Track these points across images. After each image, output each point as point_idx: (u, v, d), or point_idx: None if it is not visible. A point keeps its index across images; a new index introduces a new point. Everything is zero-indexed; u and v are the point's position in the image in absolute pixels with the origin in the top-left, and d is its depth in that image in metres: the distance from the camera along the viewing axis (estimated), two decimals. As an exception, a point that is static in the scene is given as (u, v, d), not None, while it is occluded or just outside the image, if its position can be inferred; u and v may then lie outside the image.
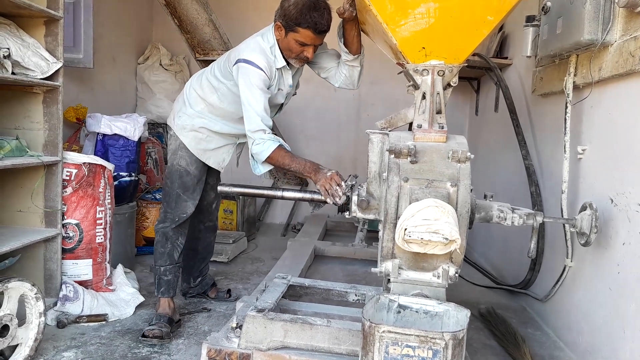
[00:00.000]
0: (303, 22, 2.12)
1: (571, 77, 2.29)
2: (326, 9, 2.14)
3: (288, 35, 2.18)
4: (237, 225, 4.36)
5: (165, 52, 4.80)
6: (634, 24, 1.86)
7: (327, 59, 2.40)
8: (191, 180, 2.49)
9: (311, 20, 2.11)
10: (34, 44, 2.39)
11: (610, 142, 2.09)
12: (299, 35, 2.16)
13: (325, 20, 2.13)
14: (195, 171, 2.50)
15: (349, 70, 2.35)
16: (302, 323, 1.79)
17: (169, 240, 2.53)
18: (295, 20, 2.13)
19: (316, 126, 5.09)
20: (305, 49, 2.20)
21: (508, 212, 1.83)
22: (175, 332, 2.45)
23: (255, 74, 2.15)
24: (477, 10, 1.66)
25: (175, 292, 2.58)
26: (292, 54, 2.24)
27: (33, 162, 2.34)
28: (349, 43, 2.25)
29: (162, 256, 2.53)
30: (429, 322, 1.60)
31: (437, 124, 1.77)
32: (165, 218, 2.53)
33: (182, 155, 2.48)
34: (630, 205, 1.89)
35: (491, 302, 2.98)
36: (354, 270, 3.59)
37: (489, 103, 4.09)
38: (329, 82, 2.45)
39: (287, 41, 2.20)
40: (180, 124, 2.47)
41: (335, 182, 1.90)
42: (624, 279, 1.92)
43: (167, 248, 2.53)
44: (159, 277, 2.54)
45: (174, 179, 2.49)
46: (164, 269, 2.53)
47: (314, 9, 2.11)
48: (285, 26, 2.17)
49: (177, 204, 2.50)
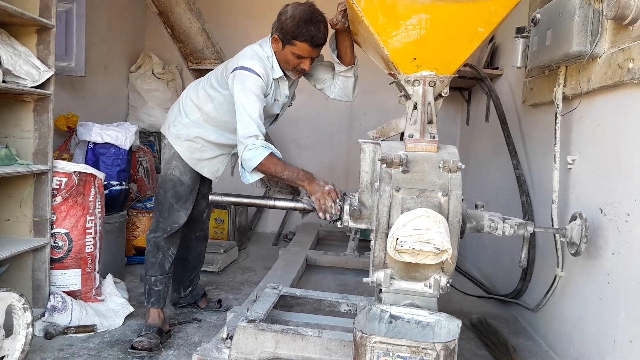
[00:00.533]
0: (300, 36, 2.13)
1: (560, 88, 2.32)
2: (322, 22, 2.15)
3: (285, 48, 2.19)
4: (228, 234, 4.34)
5: (157, 61, 4.80)
6: (622, 36, 1.89)
7: (322, 70, 2.40)
8: (184, 190, 2.48)
9: (308, 33, 2.11)
10: (26, 52, 2.38)
11: (599, 153, 2.11)
12: (295, 48, 2.17)
13: (322, 34, 2.14)
14: (189, 181, 2.48)
15: (343, 82, 2.36)
16: (293, 334, 1.78)
17: (160, 250, 2.50)
18: (292, 34, 2.13)
19: (309, 135, 5.10)
20: (302, 61, 2.21)
21: (499, 222, 1.84)
22: (165, 343, 2.42)
23: (251, 79, 2.14)
24: (467, 22, 1.68)
25: (165, 302, 2.56)
26: (289, 66, 2.24)
27: (22, 171, 2.32)
28: (342, 54, 2.26)
29: (152, 266, 2.51)
30: (421, 333, 1.60)
31: (429, 134, 1.78)
32: (157, 228, 2.51)
33: (176, 165, 2.46)
34: (620, 215, 1.91)
35: (483, 312, 2.98)
36: (345, 279, 3.59)
37: (479, 113, 4.12)
38: (324, 93, 2.45)
39: (284, 54, 2.21)
40: (175, 133, 2.46)
41: (332, 199, 1.89)
42: (614, 288, 1.93)
43: (158, 258, 2.51)
44: (149, 287, 2.51)
45: (168, 188, 2.47)
46: (155, 279, 2.51)
47: (311, 22, 2.11)
48: (282, 39, 2.17)
49: (170, 213, 2.48)
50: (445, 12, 1.66)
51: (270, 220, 5.22)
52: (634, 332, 1.79)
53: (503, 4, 1.65)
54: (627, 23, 1.80)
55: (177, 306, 2.87)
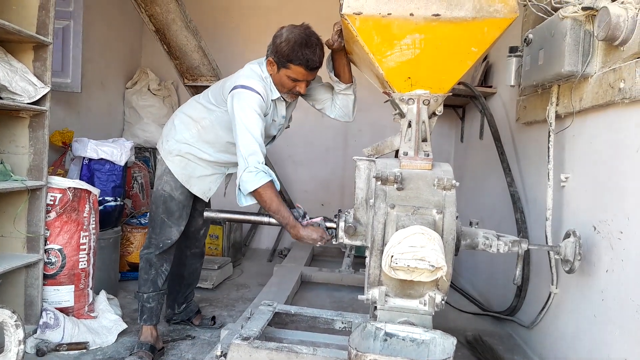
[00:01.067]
0: (295, 59, 2.12)
1: (553, 106, 2.35)
2: (318, 45, 2.14)
3: (280, 71, 2.19)
4: (223, 250, 4.32)
5: (153, 77, 4.82)
6: (613, 56, 1.92)
7: (321, 91, 2.41)
8: (176, 205, 2.45)
9: (303, 57, 2.11)
10: (22, 69, 2.38)
11: (592, 171, 2.13)
12: (290, 72, 2.17)
13: (317, 57, 2.13)
14: (181, 197, 2.45)
15: (342, 100, 2.36)
16: (287, 351, 1.76)
17: (152, 266, 2.48)
18: (287, 57, 2.13)
19: (304, 152, 5.12)
20: (297, 84, 2.21)
21: (493, 240, 1.85)
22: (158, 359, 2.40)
23: (252, 97, 2.13)
24: (461, 42, 1.71)
25: (158, 319, 2.53)
26: (284, 89, 2.24)
27: (17, 187, 2.32)
28: (340, 73, 2.27)
29: (145, 283, 2.48)
30: (416, 350, 1.60)
31: (423, 152, 1.80)
32: (149, 244, 2.49)
33: (167, 180, 2.44)
34: (613, 232, 1.92)
35: (478, 329, 2.98)
36: (340, 296, 3.58)
37: (474, 130, 4.16)
38: (324, 113, 2.45)
39: (279, 77, 2.21)
40: (167, 148, 2.44)
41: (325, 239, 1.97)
42: (608, 306, 1.94)
43: (150, 275, 2.48)
44: (142, 304, 2.49)
45: (158, 204, 2.45)
46: (147, 296, 2.48)
47: (306, 45, 2.11)
48: (278, 62, 2.17)
49: (162, 229, 2.46)
50: (439, 32, 1.69)
51: (265, 236, 5.20)
52: (628, 349, 1.79)
53: (496, 24, 1.68)
54: (617, 44, 1.84)
55: (171, 322, 2.84)
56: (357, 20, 1.69)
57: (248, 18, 5.04)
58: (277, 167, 4.81)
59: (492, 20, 1.67)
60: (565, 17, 2.08)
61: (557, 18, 2.15)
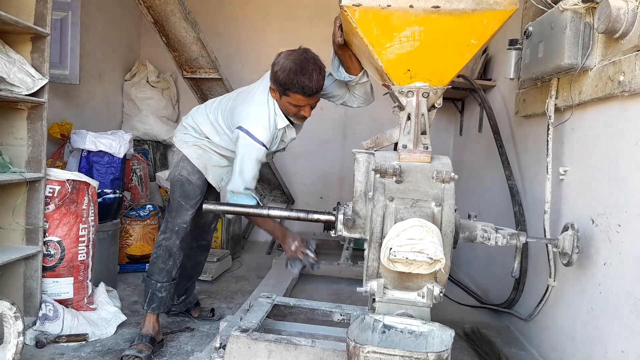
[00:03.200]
0: (292, 87, 2.10)
1: (552, 99, 2.34)
2: (315, 70, 2.11)
3: (282, 98, 2.19)
4: (222, 243, 4.33)
5: (152, 69, 4.80)
6: (613, 49, 1.92)
7: (335, 87, 2.37)
8: (192, 189, 2.46)
9: (299, 85, 2.09)
10: (20, 60, 2.38)
11: (591, 164, 2.14)
12: (290, 99, 2.16)
13: (314, 83, 2.10)
14: (198, 181, 2.47)
15: (360, 89, 2.32)
16: (286, 343, 1.77)
17: (172, 257, 2.46)
18: (285, 86, 2.12)
19: (303, 144, 5.08)
20: (301, 109, 2.21)
21: (492, 232, 1.85)
22: (157, 352, 2.40)
23: (255, 149, 2.18)
24: (461, 34, 1.70)
25: (165, 309, 2.53)
26: (290, 114, 2.25)
27: (15, 179, 2.32)
28: (349, 66, 2.19)
29: (161, 272, 2.46)
30: (414, 342, 1.60)
31: (422, 145, 1.80)
32: (165, 228, 2.49)
33: (183, 166, 2.47)
34: (611, 225, 1.92)
35: (476, 322, 2.99)
36: (339, 289, 3.59)
37: (473, 123, 4.15)
38: (346, 105, 2.46)
39: (282, 103, 2.22)
40: (183, 139, 2.50)
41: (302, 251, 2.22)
42: (606, 298, 1.95)
43: (168, 265, 2.46)
44: (152, 292, 2.45)
45: (175, 188, 2.48)
46: (160, 285, 2.45)
47: (302, 72, 2.08)
48: (278, 90, 2.17)
49: (178, 212, 2.46)
50: (439, 24, 1.68)
51: (263, 229, 5.20)
52: (625, 342, 1.80)
53: (496, 17, 1.67)
54: (617, 36, 1.83)
55: (169, 314, 2.85)
56: (357, 11, 1.68)
57: (247, 9, 5.02)
58: (276, 160, 4.80)
59: (492, 12, 1.66)
60: (566, 10, 2.07)
61: (557, 10, 2.14)
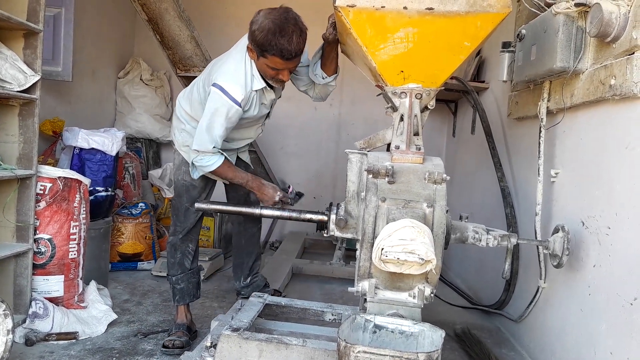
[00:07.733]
0: (269, 49, 2.00)
1: (545, 102, 2.36)
2: (295, 32, 1.99)
3: (260, 59, 2.10)
4: (214, 242, 4.32)
5: (146, 67, 4.78)
6: (605, 53, 1.93)
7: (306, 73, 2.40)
8: (197, 192, 2.52)
9: (277, 47, 1.98)
10: (12, 56, 2.36)
11: (581, 166, 2.15)
12: (268, 62, 2.07)
13: (294, 46, 1.99)
14: (201, 183, 2.51)
15: (322, 90, 2.40)
16: (277, 343, 1.77)
17: (177, 250, 2.56)
18: (262, 47, 2.01)
19: (296, 143, 5.11)
20: (279, 72, 2.12)
21: (483, 234, 1.86)
22: (194, 341, 2.45)
23: (227, 105, 2.12)
24: (454, 36, 1.71)
25: (190, 299, 2.58)
26: (267, 77, 2.19)
27: (6, 176, 2.30)
28: (327, 63, 2.26)
29: (173, 266, 2.57)
30: (405, 343, 1.61)
31: (415, 146, 1.81)
32: (175, 231, 2.57)
33: (185, 170, 2.48)
34: (601, 228, 1.94)
35: (466, 322, 3.00)
36: (331, 289, 3.59)
37: (465, 125, 4.17)
38: (307, 94, 2.49)
39: (259, 64, 2.14)
40: (181, 140, 2.50)
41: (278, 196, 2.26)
42: (595, 300, 1.96)
43: (176, 258, 2.56)
44: (172, 287, 2.57)
45: (181, 193, 2.52)
46: (176, 278, 2.55)
47: (280, 34, 1.96)
48: (255, 50, 2.08)
49: (186, 216, 2.53)
50: (433, 26, 1.69)
51: (256, 228, 5.20)
52: (614, 343, 1.81)
53: (489, 19, 1.69)
54: (609, 40, 1.85)
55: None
56: (351, 12, 1.69)
57: (242, 7, 4.99)
58: (269, 159, 4.80)
59: (486, 15, 1.67)
60: (558, 13, 2.08)
61: (550, 14, 2.16)
